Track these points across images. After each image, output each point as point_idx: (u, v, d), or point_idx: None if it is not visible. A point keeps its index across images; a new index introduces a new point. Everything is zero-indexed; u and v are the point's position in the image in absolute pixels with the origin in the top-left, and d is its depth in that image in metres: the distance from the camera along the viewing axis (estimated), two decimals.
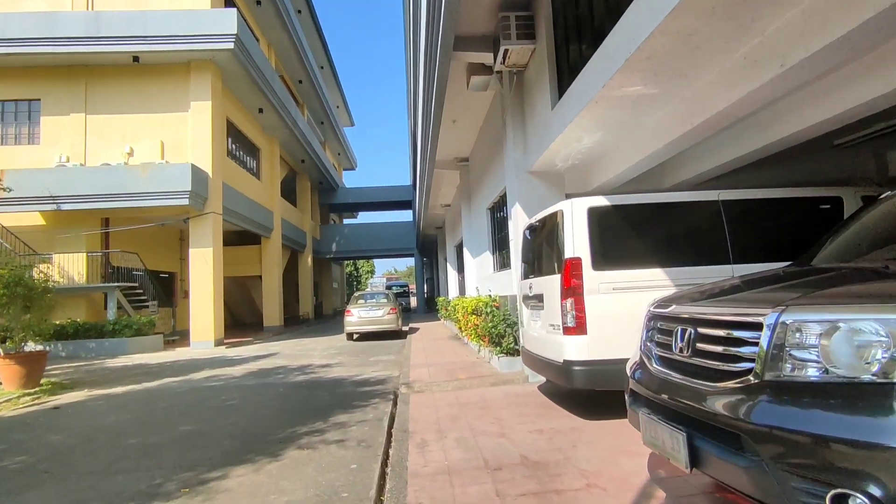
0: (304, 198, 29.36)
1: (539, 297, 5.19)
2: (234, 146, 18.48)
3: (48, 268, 14.14)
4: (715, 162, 5.56)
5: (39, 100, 15.23)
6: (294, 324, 25.37)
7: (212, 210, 15.02)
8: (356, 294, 16.83)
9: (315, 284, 33.67)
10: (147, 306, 15.81)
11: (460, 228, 16.94)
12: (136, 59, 14.85)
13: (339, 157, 40.99)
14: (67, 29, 14.26)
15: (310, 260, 28.72)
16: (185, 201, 13.94)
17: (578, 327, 4.37)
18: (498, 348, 7.38)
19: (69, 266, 14.44)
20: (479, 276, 13.20)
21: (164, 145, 15.24)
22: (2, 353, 7.86)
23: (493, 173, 10.43)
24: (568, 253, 4.48)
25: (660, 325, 2.67)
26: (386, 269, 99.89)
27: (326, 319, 30.15)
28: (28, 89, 15.20)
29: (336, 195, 35.20)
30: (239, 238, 24.41)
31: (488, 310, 8.46)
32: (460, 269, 19.40)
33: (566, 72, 5.90)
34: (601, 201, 4.60)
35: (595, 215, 4.54)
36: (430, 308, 33.93)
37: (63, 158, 14.64)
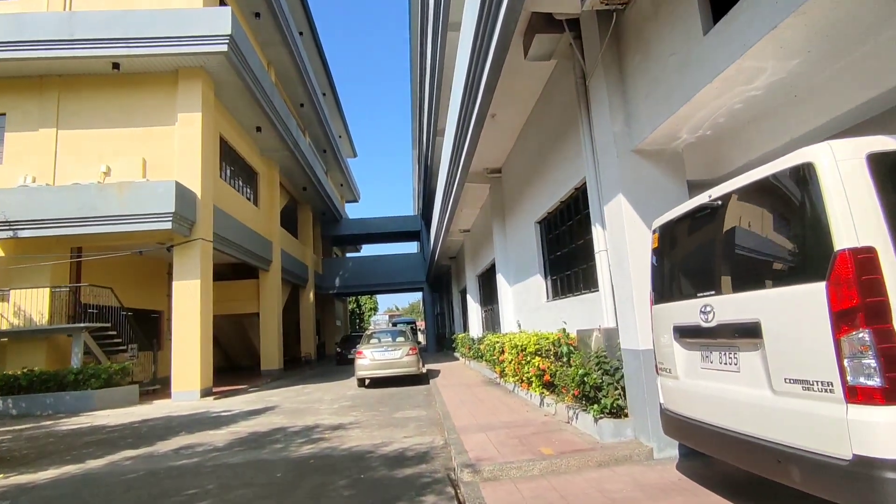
0: (306, 229, 27.32)
1: (732, 330, 2.96)
2: (228, 168, 16.51)
3: (2, 306, 11.94)
4: None
5: (4, 114, 13.31)
6: (295, 366, 22.85)
7: (200, 236, 12.87)
8: (368, 333, 14.50)
9: (317, 322, 31.27)
10: (123, 350, 13.45)
11: (487, 253, 14.76)
12: (116, 65, 12.99)
13: (342, 189, 39.21)
14: (38, 32, 12.45)
15: (312, 295, 26.43)
16: (168, 225, 11.80)
17: (891, 389, 2.12)
18: (595, 406, 5.07)
19: (28, 304, 12.17)
20: (520, 307, 10.92)
21: (147, 163, 13.23)
22: None
23: (548, 175, 8.34)
24: (843, 240, 2.29)
25: None
26: (387, 307, 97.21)
27: (330, 360, 27.57)
28: None
29: (339, 227, 33.20)
30: (234, 272, 22.22)
31: (564, 349, 6.17)
32: (486, 300, 17.11)
33: None
34: (889, 144, 2.43)
35: (884, 169, 2.38)
36: (440, 346, 31.40)
37: (28, 179, 12.58)
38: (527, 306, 10.31)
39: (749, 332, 2.81)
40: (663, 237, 3.92)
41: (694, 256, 3.60)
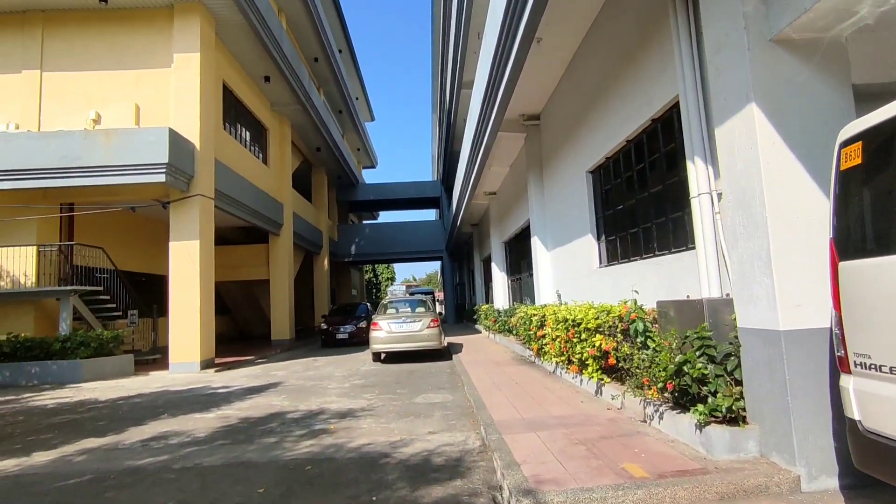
0: (321, 193, 25.93)
1: None
2: (233, 121, 15.07)
3: None
4: None
5: None
6: (308, 336, 21.82)
7: (199, 192, 11.54)
8: (384, 302, 13.16)
9: (332, 291, 30.24)
10: (120, 317, 12.36)
11: (518, 216, 13.21)
12: None
13: (359, 154, 37.59)
14: None
15: (326, 263, 25.24)
16: (162, 177, 10.47)
17: None
18: (699, 407, 3.61)
19: (13, 264, 11.06)
20: (561, 275, 9.43)
21: (140, 110, 11.85)
22: None
23: (607, 111, 6.73)
24: None
25: None
26: (404, 277, 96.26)
27: None
28: None
29: (356, 192, 31.74)
30: (246, 236, 21.08)
31: (639, 326, 4.69)
32: (514, 269, 15.66)
33: None
34: None
35: None
36: (459, 317, 30.21)
37: (11, 126, 11.33)
38: (570, 273, 8.81)
39: None
40: (874, 150, 2.37)
41: None
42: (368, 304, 21.24)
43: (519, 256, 14.91)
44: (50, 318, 11.55)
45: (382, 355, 11.95)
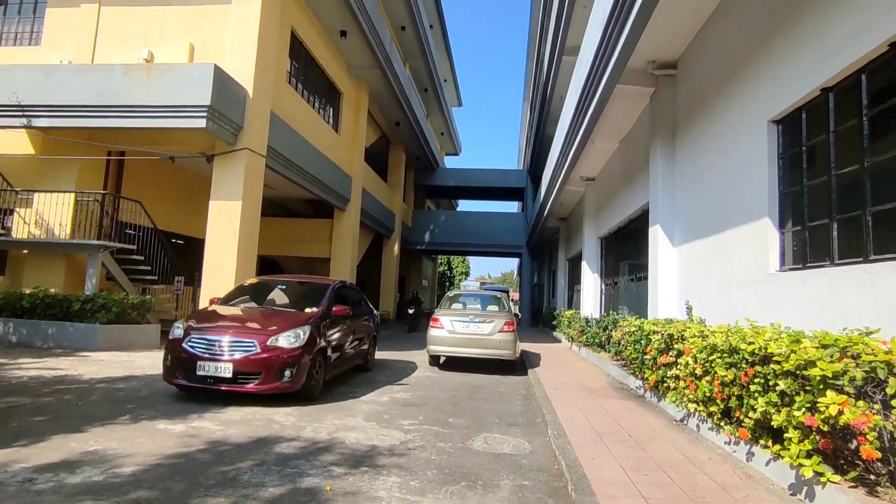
0: (397, 173, 24.23)
1: None
2: (301, 75, 13.48)
3: (24, 212, 9.90)
4: None
5: None
6: None
7: (247, 146, 9.93)
8: (450, 294, 10.91)
9: (401, 280, 28.63)
10: (154, 281, 11.11)
11: (626, 202, 10.44)
12: None
13: (443, 139, 35.72)
14: None
15: (397, 248, 23.52)
16: (202, 122, 8.92)
17: None
18: None
19: (50, 212, 10.03)
20: (695, 281, 6.68)
21: (195, 50, 10.45)
22: None
23: (812, 29, 4.01)
24: None
25: None
26: (478, 273, 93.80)
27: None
28: None
29: (435, 176, 29.83)
30: (313, 210, 19.79)
31: None
32: (611, 271, 12.87)
33: None
34: None
35: None
36: (535, 321, 27.47)
37: (64, 63, 10.32)
38: (714, 278, 6.07)
39: None
40: None
41: None
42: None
43: (619, 256, 12.11)
44: (82, 275, 10.46)
45: (441, 359, 9.78)
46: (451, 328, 8.91)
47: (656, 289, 7.45)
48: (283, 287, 7.22)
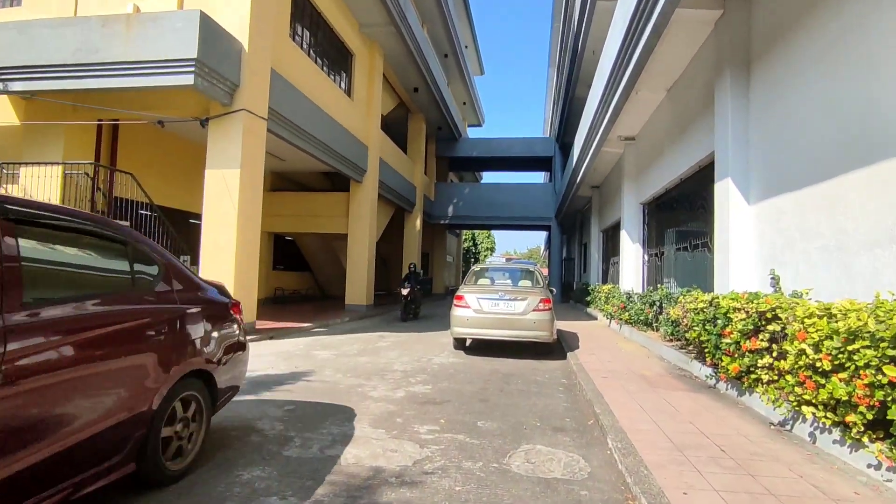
0: (417, 144, 22.95)
1: None
2: (307, 33, 12.26)
3: (11, 188, 9.08)
4: None
5: None
6: (391, 303, 19.22)
7: (245, 107, 8.83)
8: (476, 268, 9.72)
9: (424, 256, 27.60)
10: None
11: (674, 163, 9.00)
12: None
13: (465, 108, 34.11)
14: None
15: (419, 222, 22.40)
16: (189, 79, 7.83)
17: None
18: None
19: (38, 187, 9.18)
20: (785, 245, 5.33)
21: (185, 2, 9.32)
22: None
23: None
24: None
25: None
26: (504, 249, 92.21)
27: (434, 301, 23.69)
28: None
29: (457, 147, 28.43)
30: (330, 184, 18.78)
31: None
32: (655, 240, 11.47)
33: None
34: None
35: None
36: (566, 297, 26.14)
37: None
38: (812, 243, 4.73)
39: None
40: None
41: None
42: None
43: (666, 223, 10.71)
44: None
45: (468, 341, 8.69)
46: (478, 307, 7.77)
47: (728, 256, 6.12)
48: None
